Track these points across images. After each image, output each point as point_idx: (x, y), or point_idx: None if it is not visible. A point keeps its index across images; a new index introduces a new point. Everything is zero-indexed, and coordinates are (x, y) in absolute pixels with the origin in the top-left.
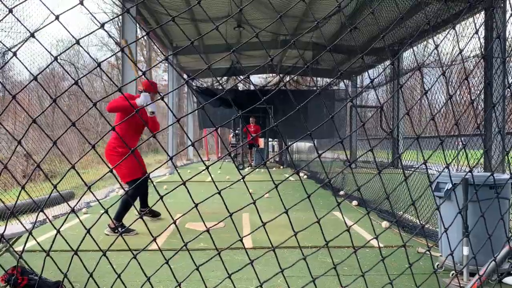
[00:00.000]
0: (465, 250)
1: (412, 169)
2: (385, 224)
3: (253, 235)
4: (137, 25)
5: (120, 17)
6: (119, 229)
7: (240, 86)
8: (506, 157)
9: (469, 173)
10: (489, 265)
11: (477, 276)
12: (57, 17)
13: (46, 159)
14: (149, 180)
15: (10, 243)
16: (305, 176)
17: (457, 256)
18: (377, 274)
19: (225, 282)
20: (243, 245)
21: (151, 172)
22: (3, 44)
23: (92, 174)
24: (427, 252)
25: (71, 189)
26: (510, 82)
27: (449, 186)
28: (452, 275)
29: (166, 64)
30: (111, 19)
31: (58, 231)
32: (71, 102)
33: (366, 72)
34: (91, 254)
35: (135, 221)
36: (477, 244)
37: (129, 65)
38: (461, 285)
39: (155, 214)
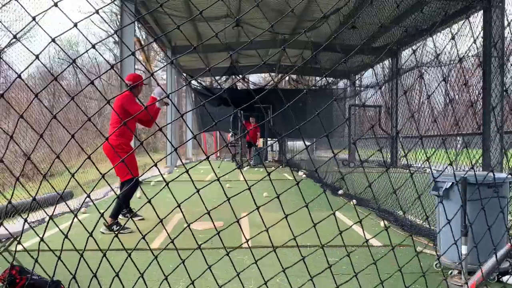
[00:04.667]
0: (464, 249)
1: (415, 169)
2: (383, 223)
3: (251, 234)
4: (136, 24)
5: (119, 16)
6: (115, 227)
7: (239, 85)
8: (504, 156)
9: (468, 172)
10: (490, 263)
11: (476, 274)
12: (75, 24)
13: (46, 158)
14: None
15: (8, 243)
16: (304, 176)
17: (456, 255)
18: (376, 273)
19: (224, 281)
20: (248, 246)
21: (153, 165)
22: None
23: (91, 174)
24: (426, 250)
25: (71, 189)
26: (508, 86)
27: (447, 185)
28: (451, 274)
29: (165, 63)
30: (120, 28)
31: (66, 236)
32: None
33: (365, 72)
34: (87, 254)
35: (127, 221)
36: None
37: (128, 64)
38: (460, 284)
39: (136, 214)
